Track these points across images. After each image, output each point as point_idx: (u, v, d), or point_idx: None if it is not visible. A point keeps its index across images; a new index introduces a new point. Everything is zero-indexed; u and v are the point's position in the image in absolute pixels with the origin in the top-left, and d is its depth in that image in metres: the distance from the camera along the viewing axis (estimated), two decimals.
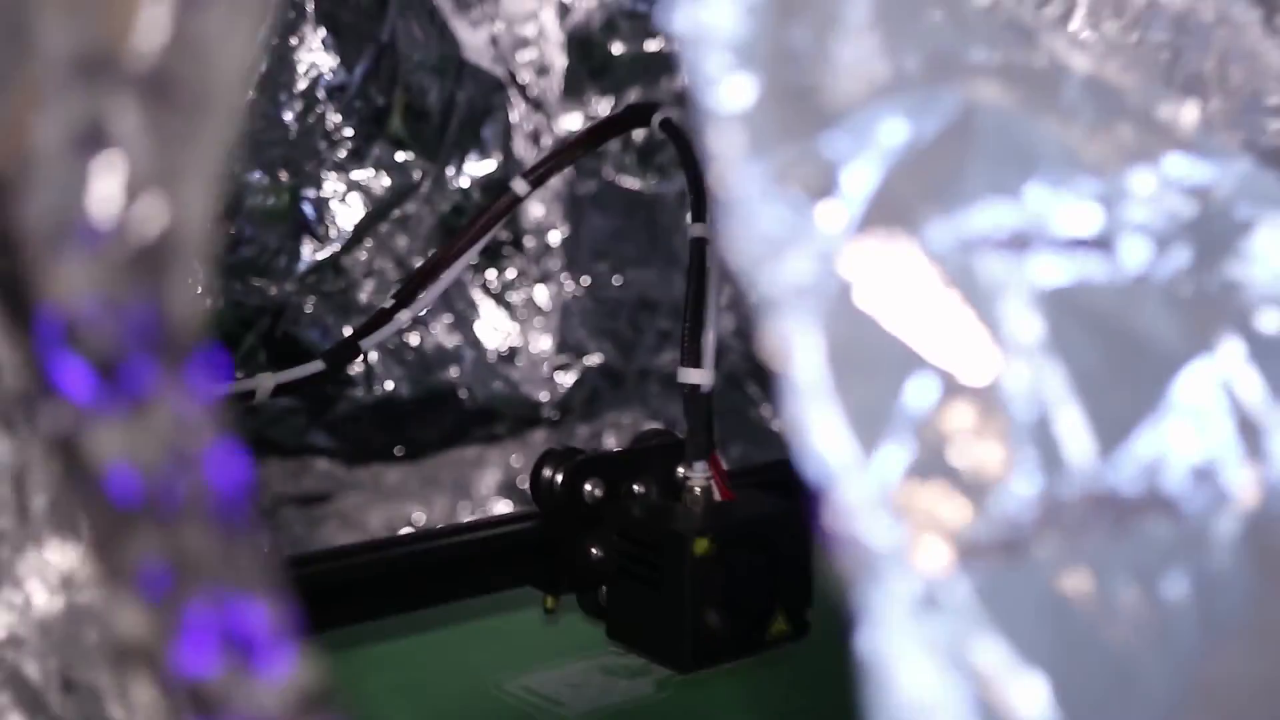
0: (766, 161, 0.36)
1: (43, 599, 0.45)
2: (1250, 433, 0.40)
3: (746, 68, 0.36)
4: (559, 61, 0.86)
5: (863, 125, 0.37)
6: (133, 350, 0.33)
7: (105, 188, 0.33)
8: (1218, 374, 0.39)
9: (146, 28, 0.33)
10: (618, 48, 0.86)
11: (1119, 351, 0.40)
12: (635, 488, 0.69)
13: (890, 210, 0.37)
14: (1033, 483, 0.36)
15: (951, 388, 0.36)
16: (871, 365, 0.36)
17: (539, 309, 0.87)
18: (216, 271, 0.71)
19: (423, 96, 0.84)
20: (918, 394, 0.36)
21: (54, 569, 0.45)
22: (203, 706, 0.33)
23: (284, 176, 0.79)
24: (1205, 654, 0.38)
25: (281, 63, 0.75)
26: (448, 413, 0.84)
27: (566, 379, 0.87)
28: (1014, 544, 0.36)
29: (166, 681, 0.34)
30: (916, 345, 0.36)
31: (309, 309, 0.80)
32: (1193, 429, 0.39)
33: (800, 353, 0.35)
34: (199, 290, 0.34)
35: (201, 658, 0.33)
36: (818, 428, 0.34)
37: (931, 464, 0.35)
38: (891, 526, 0.34)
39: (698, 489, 0.67)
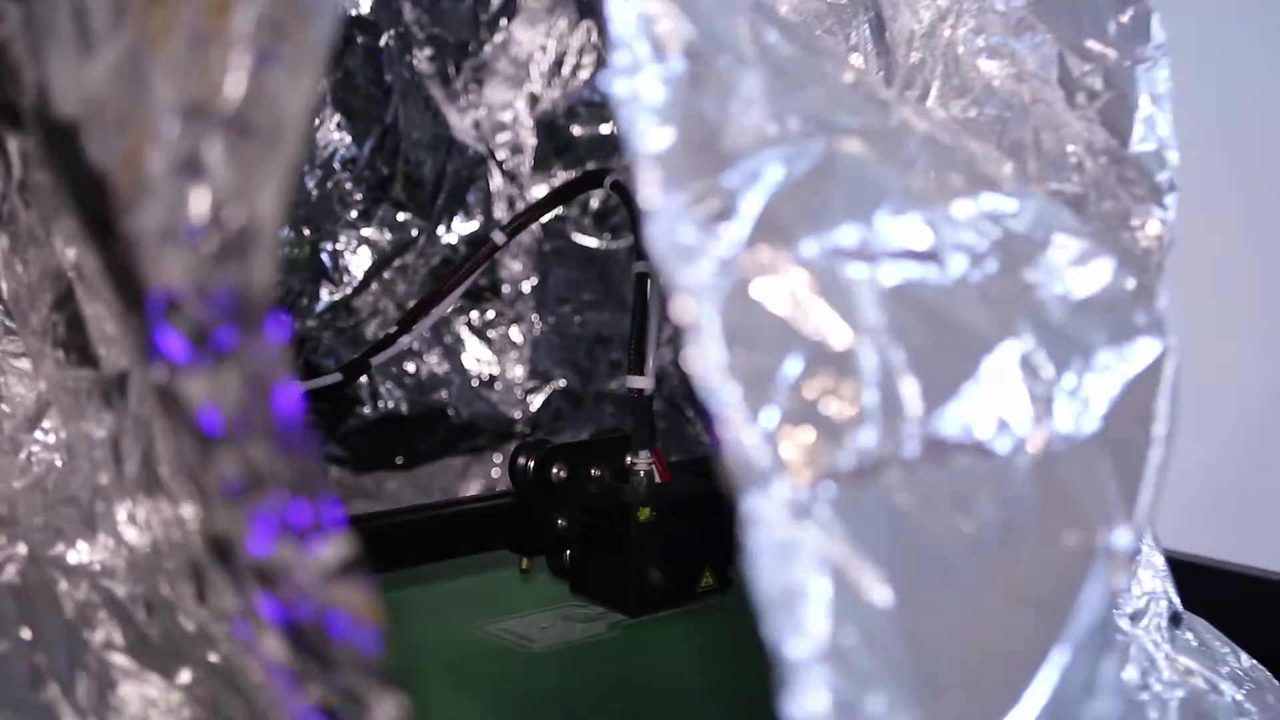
0: (680, 192, 0.40)
1: (132, 537, 0.50)
2: (1039, 395, 0.44)
3: (666, 123, 0.40)
4: (530, 141, 0.89)
5: (753, 167, 0.41)
6: (217, 319, 0.38)
7: (199, 202, 0.37)
8: (1017, 352, 0.44)
9: (231, 83, 0.37)
10: (577, 130, 0.89)
11: (944, 335, 0.43)
12: (593, 471, 0.72)
13: (772, 229, 0.41)
14: (878, 428, 0.40)
15: (818, 357, 0.41)
16: (758, 341, 0.40)
17: (513, 343, 0.89)
18: None
19: (419, 168, 0.86)
20: (792, 362, 0.40)
21: (141, 515, 0.50)
22: (267, 579, 0.38)
23: (306, 232, 0.82)
24: (1003, 551, 0.42)
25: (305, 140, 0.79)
26: (439, 428, 0.86)
27: (536, 400, 0.89)
28: (863, 471, 0.40)
29: (241, 563, 0.39)
30: (792, 327, 0.41)
31: (326, 341, 0.83)
32: (998, 391, 0.43)
33: (705, 331, 0.39)
34: (269, 272, 0.38)
35: (266, 543, 0.38)
36: (716, 382, 0.39)
37: (802, 412, 0.40)
38: (771, 456, 0.39)
39: (642, 472, 0.70)
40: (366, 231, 0.86)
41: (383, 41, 0.85)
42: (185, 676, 0.49)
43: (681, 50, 0.42)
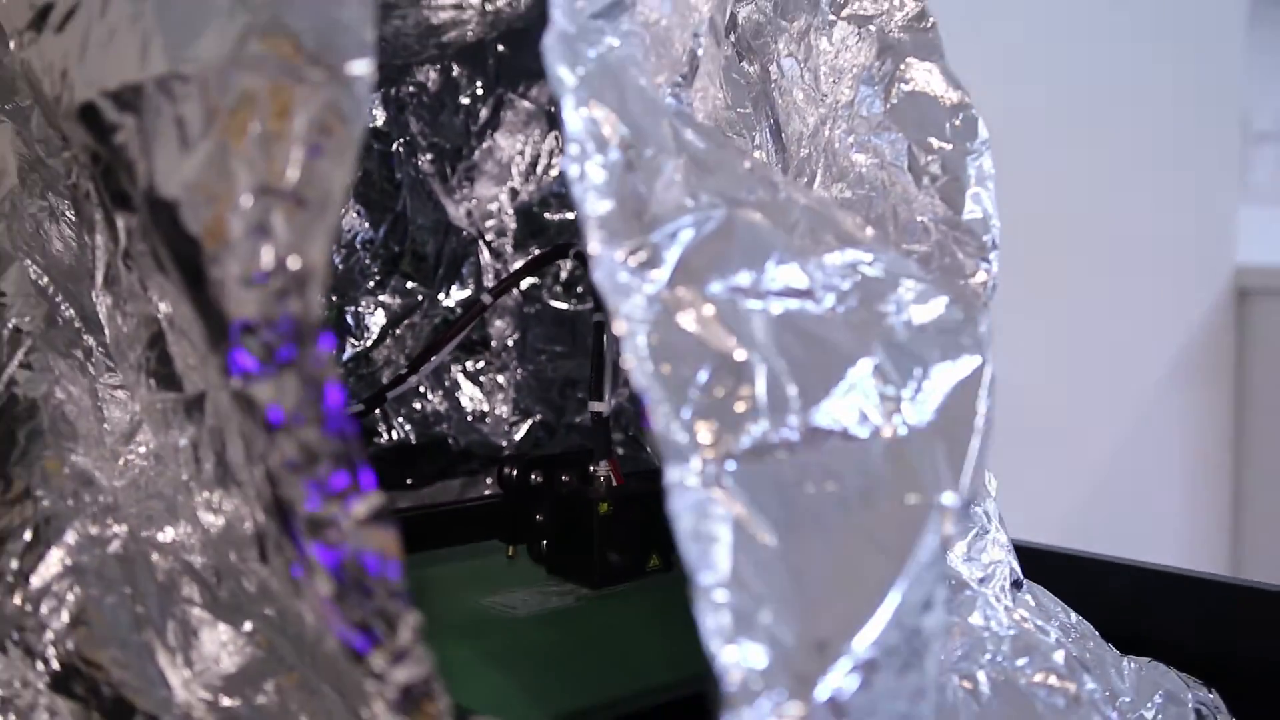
0: (618, 247, 0.44)
1: (207, 521, 0.52)
2: (889, 395, 0.48)
3: (606, 197, 0.44)
4: (511, 225, 0.90)
5: (672, 229, 0.46)
6: (280, 340, 0.42)
7: (267, 255, 0.41)
8: (872, 364, 0.48)
9: (290, 169, 0.42)
10: (549, 215, 0.91)
11: (817, 351, 0.47)
12: (563, 477, 0.73)
13: (687, 273, 0.45)
14: (767, 419, 0.45)
15: (722, 367, 0.44)
16: (678, 355, 0.44)
17: (500, 386, 0.90)
18: None
19: (423, 247, 0.88)
20: (704, 371, 0.44)
21: (215, 503, 0.52)
22: (317, 530, 0.42)
23: (334, 298, 0.84)
24: (861, 508, 0.45)
25: None
26: (441, 455, 0.87)
27: (519, 432, 0.90)
28: (756, 451, 0.44)
29: (298, 519, 0.43)
30: (703, 344, 0.45)
31: (350, 385, 0.85)
32: (858, 393, 0.47)
33: (638, 348, 0.43)
34: (319, 304, 0.42)
35: (316, 503, 0.41)
36: (647, 384, 0.43)
37: (710, 407, 0.44)
38: (688, 439, 0.43)
39: (602, 477, 0.71)
40: (382, 297, 0.87)
41: (393, 147, 0.86)
42: (247, 626, 0.52)
43: (618, 144, 0.46)
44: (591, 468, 0.72)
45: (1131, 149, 1.42)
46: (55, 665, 0.51)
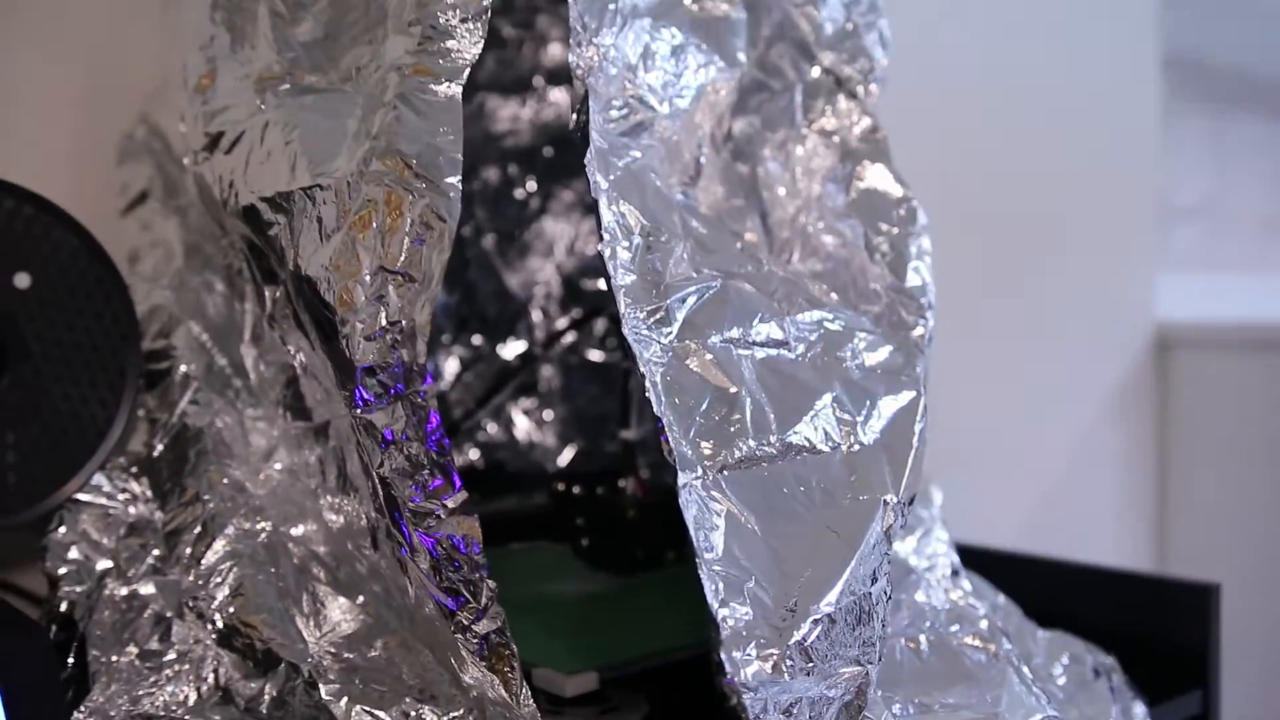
0: (640, 309, 0.48)
1: (330, 519, 0.56)
2: (846, 420, 0.51)
3: (630, 272, 0.48)
4: (556, 293, 0.92)
5: (681, 295, 0.49)
6: (393, 380, 0.46)
7: (383, 317, 0.46)
8: (832, 397, 0.51)
9: (401, 254, 0.46)
10: (587, 284, 0.92)
11: (790, 387, 0.51)
12: (599, 490, 0.75)
13: (692, 329, 0.50)
14: (752, 439, 0.48)
15: (717, 398, 0.49)
16: (685, 390, 0.48)
17: (547, 421, 0.91)
18: None
19: (486, 310, 0.90)
20: (705, 402, 0.48)
21: (336, 505, 0.56)
22: (419, 519, 0.46)
23: None
24: (824, 505, 0.49)
25: None
26: (501, 475, 0.88)
27: (563, 458, 0.91)
28: (743, 462, 0.48)
29: (404, 512, 0.47)
30: (704, 381, 0.49)
31: None
32: (822, 419, 0.51)
33: (657, 384, 0.48)
34: (423, 354, 0.46)
35: (418, 499, 0.46)
36: (662, 411, 0.47)
37: (709, 429, 0.48)
38: (694, 453, 0.47)
39: (629, 490, 0.74)
40: (455, 350, 0.89)
41: (463, 231, 0.89)
42: (360, 599, 0.55)
43: (640, 232, 0.50)
44: (621, 483, 0.75)
45: (1057, 223, 1.43)
46: (220, 626, 0.54)
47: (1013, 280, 1.36)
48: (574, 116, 0.51)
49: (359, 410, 0.47)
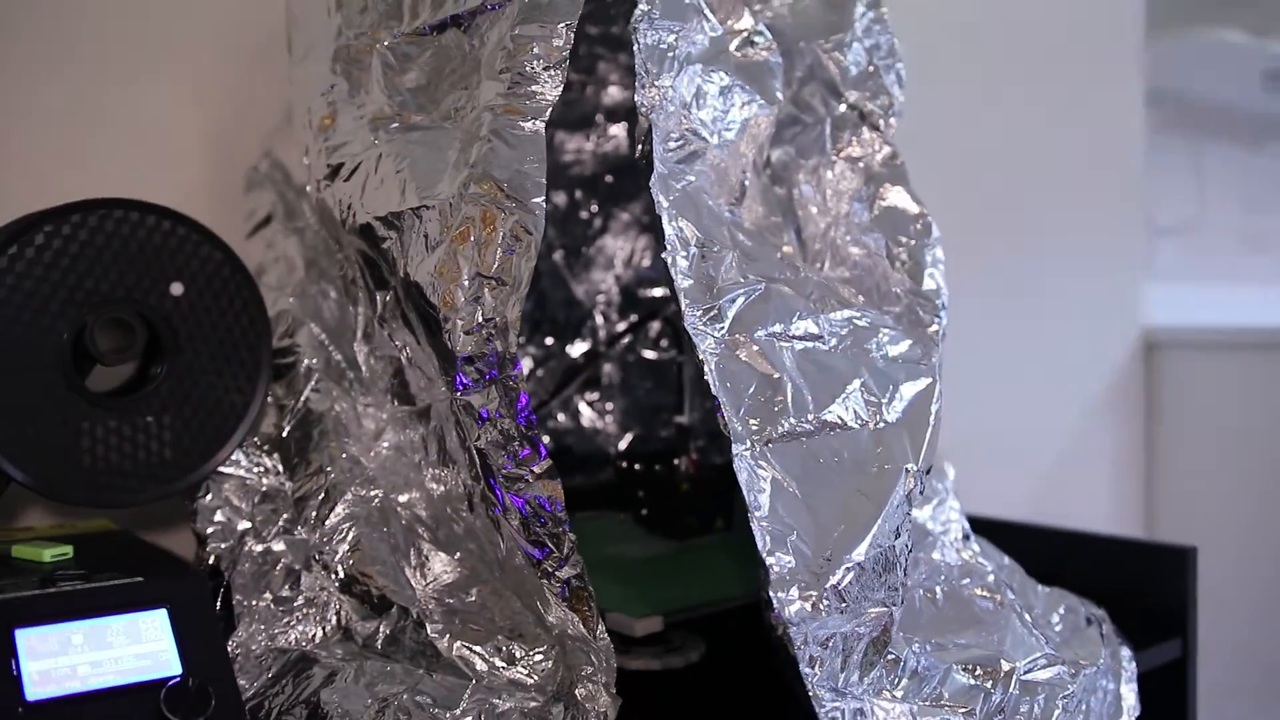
0: (697, 309, 0.50)
1: (432, 489, 0.58)
2: (872, 402, 0.52)
3: (688, 278, 0.50)
4: (616, 300, 0.93)
5: (730, 297, 0.51)
6: (488, 367, 0.48)
7: (480, 314, 0.47)
8: (860, 382, 0.52)
9: (495, 261, 0.47)
10: (642, 292, 0.92)
11: (825, 374, 0.52)
12: (657, 467, 0.76)
13: (740, 325, 0.51)
14: (792, 417, 0.50)
15: (763, 384, 0.50)
16: (736, 377, 0.50)
17: (608, 411, 0.92)
18: None
19: (556, 315, 0.91)
20: (752, 386, 0.49)
21: (438, 476, 0.58)
22: (511, 483, 0.48)
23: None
24: (855, 472, 0.50)
25: None
26: (569, 457, 0.89)
27: (622, 443, 0.91)
28: (785, 436, 0.50)
29: (498, 477, 0.49)
30: (751, 369, 0.50)
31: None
32: (852, 400, 0.52)
33: (711, 373, 0.49)
34: (514, 344, 0.47)
35: (510, 466, 0.48)
36: (717, 392, 0.49)
37: (757, 409, 0.49)
38: (743, 429, 0.48)
39: (683, 467, 0.75)
40: (529, 350, 0.90)
41: None
42: (457, 555, 0.57)
43: (696, 244, 0.52)
44: (675, 461, 0.76)
45: (1057, 238, 1.44)
46: (341, 575, 0.57)
47: (1019, 288, 1.37)
48: (639, 147, 0.53)
49: (459, 393, 0.49)
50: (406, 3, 0.56)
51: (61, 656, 0.43)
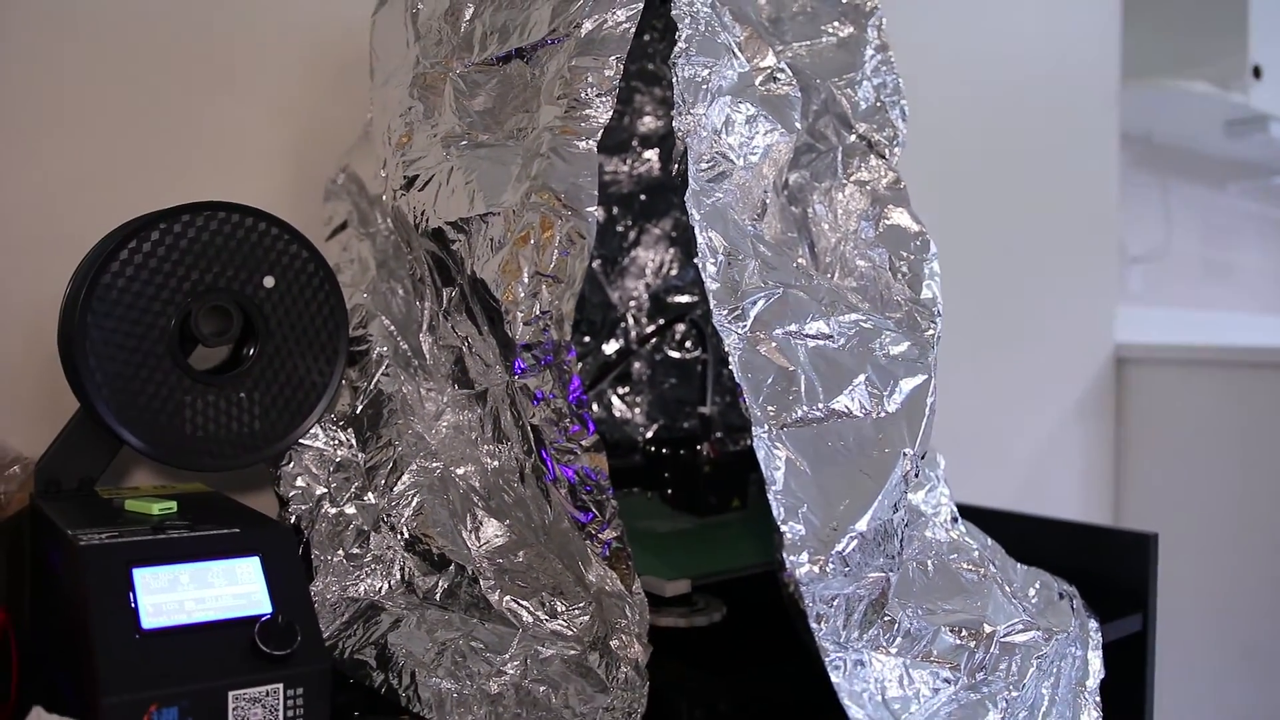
0: (723, 308, 0.50)
1: (486, 463, 0.58)
2: (875, 394, 0.53)
3: (715, 281, 0.50)
4: (646, 305, 0.92)
5: (752, 299, 0.51)
6: (544, 353, 0.49)
7: (538, 307, 0.48)
8: (865, 376, 0.53)
9: (551, 261, 0.48)
10: (669, 299, 0.92)
11: (834, 368, 0.52)
12: (681, 451, 0.76)
13: (760, 324, 0.51)
14: (805, 405, 0.50)
15: (780, 376, 0.50)
16: (757, 369, 0.50)
17: (638, 403, 0.92)
18: None
19: (593, 317, 0.91)
20: (770, 377, 0.50)
21: (492, 452, 0.57)
22: (562, 455, 0.49)
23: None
24: (858, 453, 0.51)
25: None
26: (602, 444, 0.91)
27: (649, 432, 0.91)
28: (799, 422, 0.50)
29: (550, 449, 0.50)
30: (770, 363, 0.50)
31: None
32: (858, 392, 0.52)
33: (737, 366, 0.50)
34: (568, 334, 0.49)
35: (561, 440, 0.48)
36: (740, 381, 0.49)
37: (774, 397, 0.49)
38: (763, 414, 0.48)
39: (705, 452, 0.75)
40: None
41: None
42: (507, 522, 0.58)
43: (723, 252, 0.52)
44: (698, 446, 0.77)
45: (1037, 264, 1.44)
46: (406, 536, 0.58)
47: (1002, 308, 1.37)
48: (675, 166, 0.54)
49: (517, 376, 0.51)
50: (476, 36, 0.57)
51: (170, 593, 0.45)
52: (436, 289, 0.60)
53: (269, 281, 0.58)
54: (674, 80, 0.54)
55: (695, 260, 0.52)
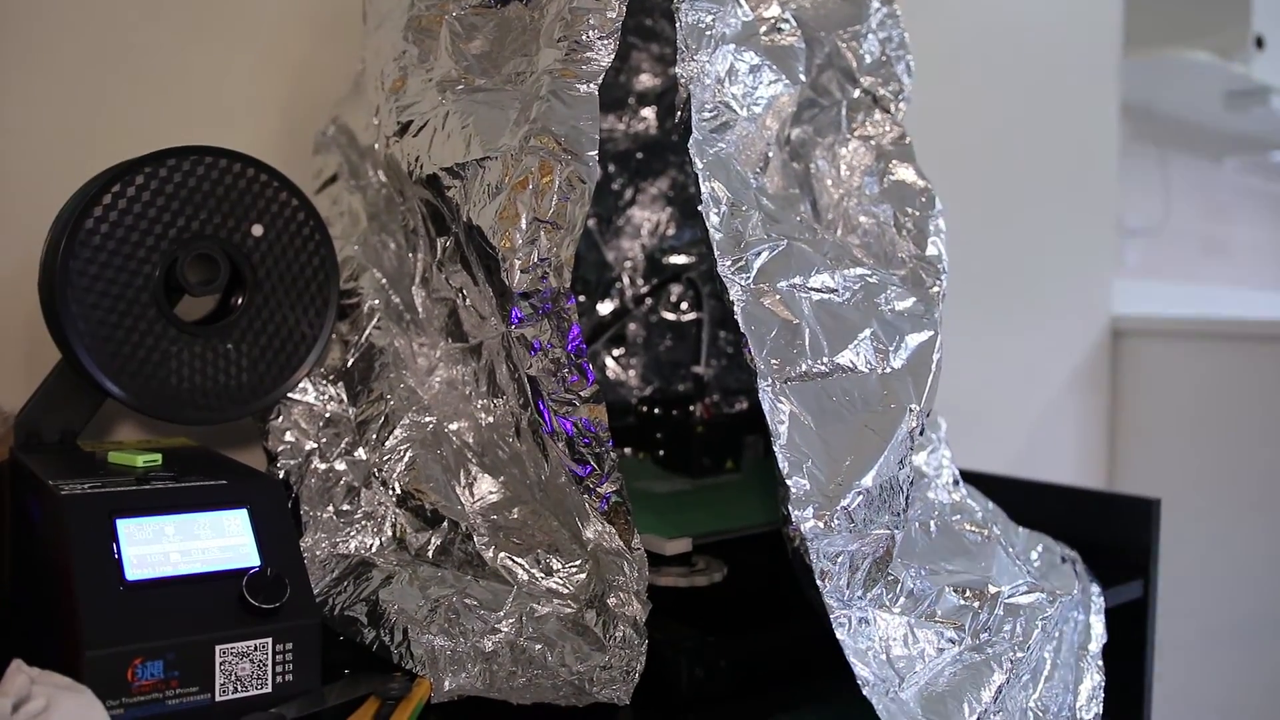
0: (726, 259, 0.49)
1: (481, 419, 0.57)
2: (880, 349, 0.52)
3: (719, 231, 0.49)
4: (642, 265, 0.91)
5: (756, 250, 0.50)
6: (543, 301, 0.48)
7: (536, 254, 0.47)
8: (870, 331, 0.52)
9: (550, 208, 0.47)
10: (664, 259, 0.91)
11: (839, 322, 0.52)
12: (674, 412, 0.76)
13: (764, 276, 0.50)
14: (809, 360, 0.50)
15: (784, 329, 0.49)
16: (761, 321, 0.49)
17: (632, 365, 0.91)
18: None
19: (589, 276, 0.90)
20: (774, 330, 0.49)
21: (487, 407, 0.57)
22: (560, 406, 0.48)
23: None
24: (864, 409, 0.50)
25: None
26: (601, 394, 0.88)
27: (644, 392, 0.90)
28: (803, 376, 0.50)
29: (548, 401, 0.49)
30: (774, 315, 0.49)
31: None
32: (862, 347, 0.52)
33: (740, 317, 0.49)
34: (566, 281, 0.48)
35: (559, 391, 0.47)
36: (745, 330, 0.48)
37: (778, 350, 0.48)
38: (767, 367, 0.48)
39: (698, 413, 0.75)
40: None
41: None
42: (501, 478, 0.57)
43: (726, 203, 0.51)
44: (691, 407, 0.77)
45: (1037, 237, 1.44)
46: (398, 491, 0.57)
47: (999, 278, 1.37)
48: (678, 114, 0.53)
49: (514, 326, 0.50)
50: None
51: (155, 544, 0.44)
52: (430, 239, 0.59)
53: (258, 230, 0.57)
54: (677, 25, 0.53)
55: (699, 209, 0.51)
